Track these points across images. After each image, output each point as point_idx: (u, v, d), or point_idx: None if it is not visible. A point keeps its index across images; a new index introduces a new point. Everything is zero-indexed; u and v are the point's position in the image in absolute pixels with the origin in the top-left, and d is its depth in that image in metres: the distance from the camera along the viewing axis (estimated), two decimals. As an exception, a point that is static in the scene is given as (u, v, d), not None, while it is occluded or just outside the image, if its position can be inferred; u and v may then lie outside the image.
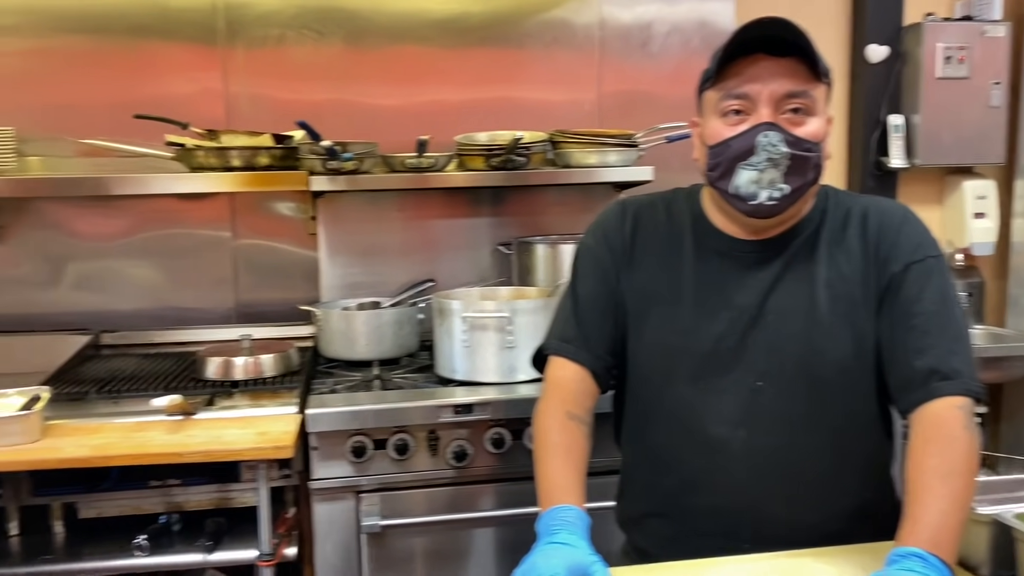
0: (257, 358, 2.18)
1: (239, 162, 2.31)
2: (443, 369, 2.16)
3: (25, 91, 2.50)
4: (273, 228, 2.68)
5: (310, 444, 1.95)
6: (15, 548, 2.00)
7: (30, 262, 2.60)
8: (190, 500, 2.03)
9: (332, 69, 2.62)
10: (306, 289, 2.68)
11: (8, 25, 2.49)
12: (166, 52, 2.56)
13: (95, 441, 1.82)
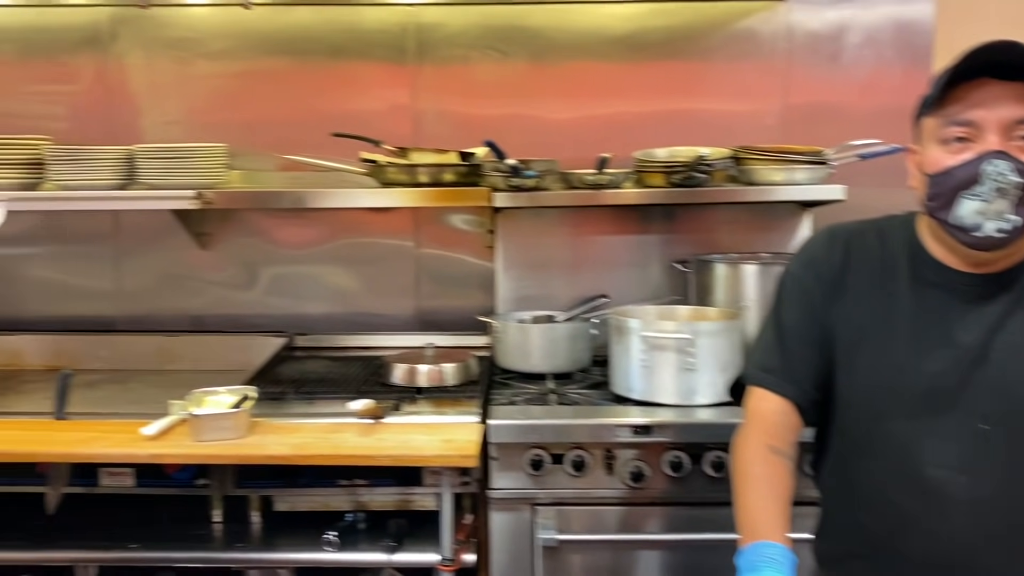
0: (440, 366, 2.26)
1: (426, 178, 2.41)
2: (619, 387, 2.15)
3: (235, 109, 2.71)
4: (452, 239, 2.77)
5: (490, 454, 1.99)
6: (217, 534, 2.16)
7: (232, 267, 2.81)
8: (374, 500, 2.12)
9: (514, 85, 2.69)
10: (481, 299, 2.75)
11: (221, 49, 2.71)
12: (360, 71, 2.71)
13: (295, 440, 1.94)
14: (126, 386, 2.54)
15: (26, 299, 2.82)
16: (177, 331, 2.77)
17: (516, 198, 2.34)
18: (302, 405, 2.17)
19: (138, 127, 2.73)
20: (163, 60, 2.73)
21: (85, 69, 2.74)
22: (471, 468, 1.99)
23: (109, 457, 1.93)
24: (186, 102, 2.74)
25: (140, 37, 2.72)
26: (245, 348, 2.71)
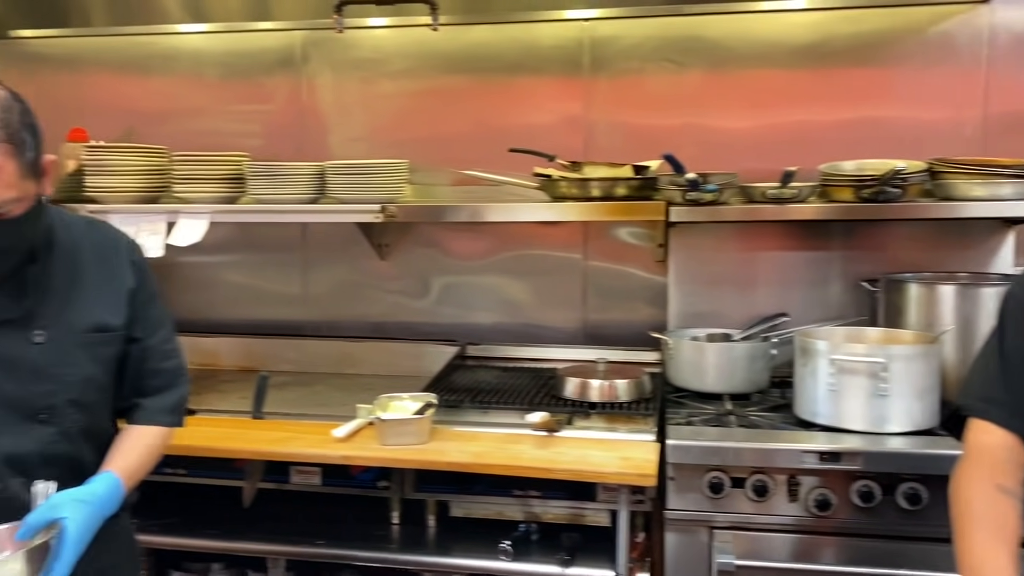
0: (612, 382, 2.25)
1: (599, 192, 2.41)
2: (803, 411, 2.07)
3: (414, 126, 2.82)
4: (621, 253, 2.76)
5: (667, 474, 1.96)
6: (395, 536, 2.24)
7: (407, 277, 2.92)
8: (547, 512, 2.14)
9: (689, 96, 2.65)
10: (649, 314, 2.72)
11: (403, 69, 2.83)
12: (535, 86, 2.75)
13: (474, 448, 1.99)
14: (312, 388, 2.69)
15: (222, 303, 3.04)
16: (358, 337, 2.90)
17: (694, 212, 2.30)
18: (477, 414, 2.22)
19: (326, 144, 2.89)
20: (349, 80, 2.87)
21: (279, 90, 2.93)
22: (646, 487, 1.98)
23: (303, 457, 2.04)
24: (370, 120, 2.87)
25: (329, 58, 2.88)
26: (419, 355, 2.81)
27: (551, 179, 2.45)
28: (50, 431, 1.44)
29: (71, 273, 1.49)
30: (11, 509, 1.37)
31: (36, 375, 1.42)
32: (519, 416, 2.15)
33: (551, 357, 2.71)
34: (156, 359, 1.59)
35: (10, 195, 1.31)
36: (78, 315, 1.47)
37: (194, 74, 2.98)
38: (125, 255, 1.57)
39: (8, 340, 1.41)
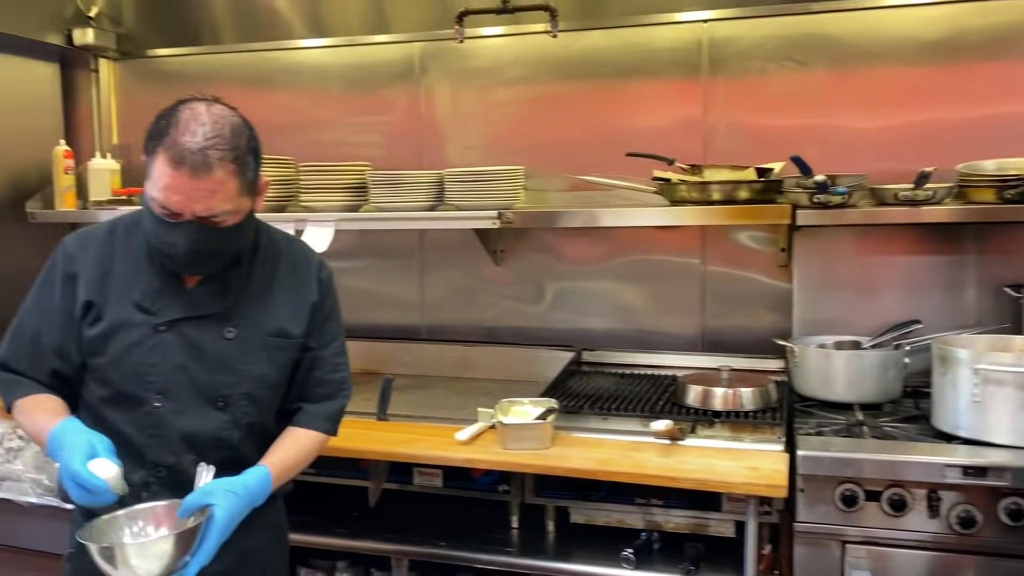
0: (736, 390, 2.20)
1: (719, 196, 2.37)
2: (943, 423, 1.98)
3: (529, 133, 2.84)
4: (741, 258, 2.70)
5: (797, 485, 1.91)
6: (514, 540, 2.26)
7: (522, 282, 2.94)
8: (669, 521, 2.11)
9: (812, 96, 2.58)
10: (770, 320, 2.66)
11: (518, 76, 2.85)
12: (650, 89, 2.73)
13: (597, 455, 1.98)
14: (430, 391, 2.74)
15: (343, 308, 3.09)
16: (473, 341, 2.94)
17: (822, 216, 2.23)
18: (597, 420, 2.21)
19: (443, 152, 2.95)
20: (467, 89, 2.92)
21: (399, 100, 3.00)
22: (774, 498, 1.93)
23: (428, 459, 2.08)
24: (486, 128, 2.91)
25: (447, 69, 2.93)
26: (534, 360, 2.83)
27: (670, 183, 2.42)
28: (224, 418, 1.58)
29: (268, 280, 1.64)
30: (180, 481, 1.53)
31: (222, 366, 1.57)
32: (640, 423, 2.14)
33: (669, 364, 2.68)
34: (325, 369, 1.71)
35: (227, 208, 1.46)
36: (266, 319, 1.62)
37: (317, 87, 3.08)
38: (314, 272, 1.72)
39: (206, 332, 1.57)
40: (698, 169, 2.47)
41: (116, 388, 1.55)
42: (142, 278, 1.56)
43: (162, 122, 1.46)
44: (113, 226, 1.63)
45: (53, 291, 1.58)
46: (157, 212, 1.46)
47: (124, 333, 1.54)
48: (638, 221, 2.54)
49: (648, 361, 2.72)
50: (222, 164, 1.42)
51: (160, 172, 1.42)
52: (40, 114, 3.20)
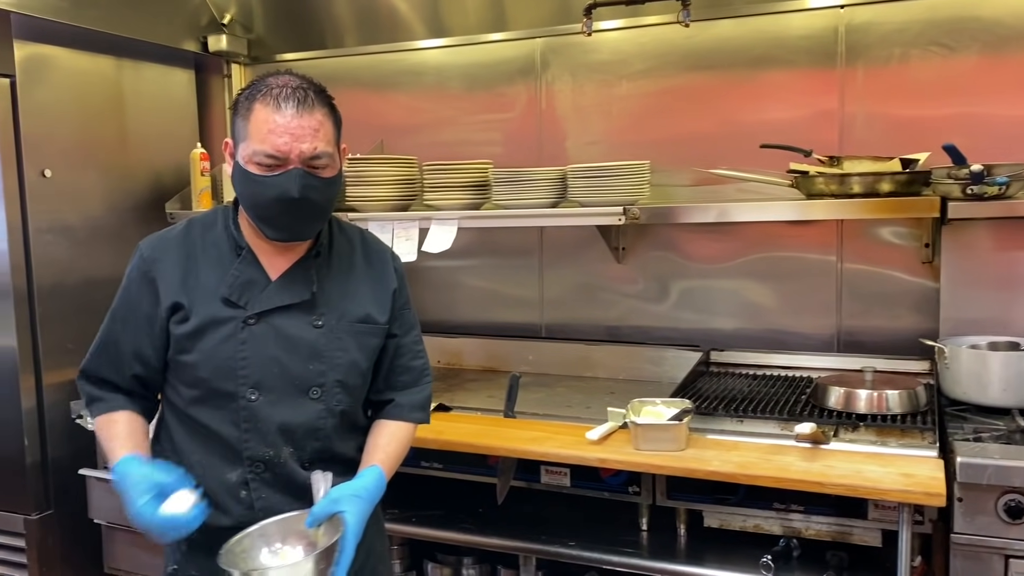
0: (882, 392, 2.09)
1: (860, 188, 2.25)
2: (1120, 430, 1.82)
3: (653, 127, 2.78)
4: (881, 254, 2.57)
5: (955, 494, 1.79)
6: (644, 542, 2.21)
7: (644, 280, 2.88)
8: (809, 528, 2.03)
9: (961, 83, 2.43)
10: (913, 320, 2.52)
11: (642, 69, 2.80)
12: (782, 80, 2.63)
13: (736, 458, 1.91)
14: (553, 390, 2.72)
15: (464, 306, 3.15)
16: (594, 340, 2.91)
17: (977, 208, 2.09)
18: (732, 422, 2.14)
19: (564, 148, 2.92)
20: (588, 84, 2.88)
21: (519, 97, 2.99)
22: (925, 508, 1.82)
23: (559, 457, 2.06)
24: (607, 122, 2.87)
25: (568, 63, 2.90)
26: (659, 360, 2.77)
27: (807, 175, 2.32)
28: (318, 407, 1.58)
29: (346, 269, 1.65)
30: (279, 476, 1.56)
31: (313, 355, 1.57)
32: (779, 426, 2.06)
33: (803, 365, 2.57)
34: (407, 356, 1.73)
35: (328, 150, 1.49)
36: (350, 306, 1.62)
37: (438, 87, 3.11)
38: (390, 261, 1.73)
39: (295, 322, 1.57)
40: (837, 161, 2.36)
41: (208, 386, 1.55)
42: (226, 273, 1.57)
43: (248, 89, 1.51)
44: (188, 226, 1.64)
45: (132, 296, 1.60)
46: (258, 170, 1.47)
47: (214, 329, 1.54)
48: (773, 215, 2.45)
49: (781, 362, 2.62)
50: (320, 104, 1.48)
51: (262, 120, 1.45)
52: (178, 119, 3.35)
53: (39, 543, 2.82)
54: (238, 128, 1.51)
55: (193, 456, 1.57)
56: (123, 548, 2.88)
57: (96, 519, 2.86)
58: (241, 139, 1.50)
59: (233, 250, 1.58)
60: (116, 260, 3.02)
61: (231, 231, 1.60)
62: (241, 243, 1.59)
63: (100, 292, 2.96)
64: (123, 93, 3.11)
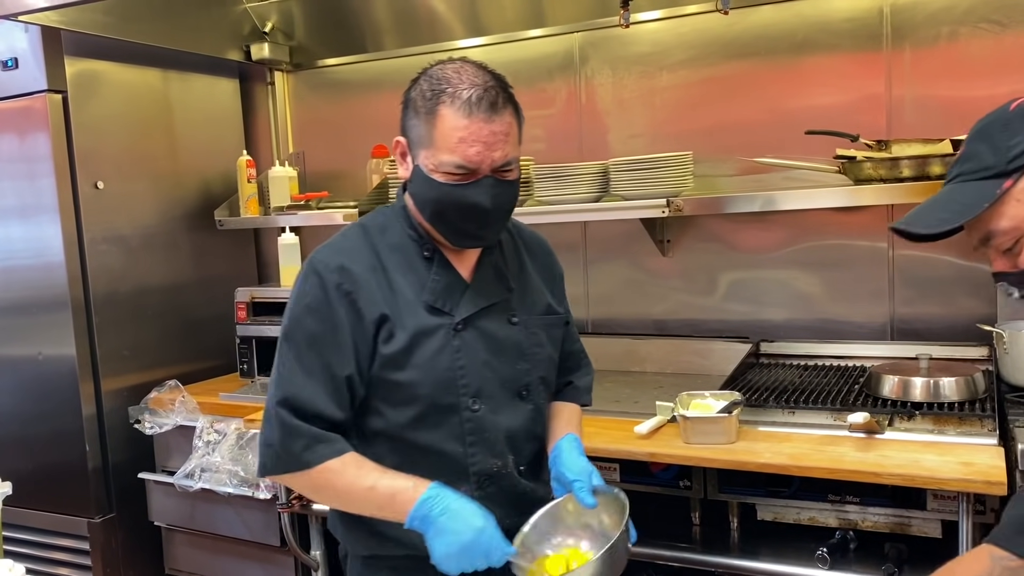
0: (937, 380, 2.04)
1: (910, 172, 2.20)
2: None
3: (695, 117, 2.75)
4: (933, 239, 2.50)
5: (1017, 482, 1.74)
6: (696, 536, 2.19)
7: (691, 273, 2.85)
8: (866, 520, 1.98)
9: (1015, 60, 2.35)
10: (969, 306, 2.45)
11: (682, 59, 2.77)
12: (827, 64, 2.58)
13: (788, 449, 1.88)
14: (601, 384, 2.62)
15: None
16: (641, 334, 2.89)
17: (1032, 188, 2.02)
18: (783, 413, 2.10)
19: (605, 142, 2.91)
20: (628, 76, 2.86)
21: (559, 93, 2.99)
22: (987, 497, 1.77)
23: (609, 452, 2.04)
24: (649, 114, 2.84)
25: (607, 57, 2.89)
26: (707, 353, 2.74)
27: (855, 161, 2.28)
28: (529, 407, 1.52)
29: (517, 262, 1.59)
30: (504, 489, 1.48)
31: (518, 355, 1.51)
32: (831, 417, 2.02)
33: (856, 354, 2.52)
34: (571, 341, 1.72)
35: (516, 154, 1.41)
36: (534, 299, 1.57)
37: (478, 85, 3.11)
38: (546, 246, 1.69)
39: (495, 323, 1.49)
40: (885, 145, 2.31)
41: (428, 402, 1.42)
42: (422, 278, 1.45)
43: (423, 86, 1.39)
44: (362, 232, 1.50)
45: (330, 315, 1.41)
46: (445, 179, 1.36)
47: (426, 340, 1.42)
48: (821, 203, 2.40)
49: (833, 352, 2.57)
50: (508, 105, 1.38)
51: (450, 127, 1.34)
52: (224, 127, 3.42)
53: (103, 546, 2.91)
54: (417, 130, 1.39)
55: None
56: (183, 549, 2.96)
57: (157, 521, 2.94)
58: (423, 144, 1.38)
59: (419, 254, 1.47)
60: (168, 268, 3.11)
61: (411, 234, 1.48)
62: (429, 246, 1.47)
63: (153, 299, 3.06)
64: (171, 104, 3.18)
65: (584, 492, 1.43)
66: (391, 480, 1.38)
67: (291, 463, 1.39)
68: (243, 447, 2.65)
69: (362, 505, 1.42)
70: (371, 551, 1.52)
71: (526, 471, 1.52)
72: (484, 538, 1.31)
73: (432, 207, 1.42)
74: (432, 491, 1.35)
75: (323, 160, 3.39)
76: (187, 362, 3.14)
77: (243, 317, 2.95)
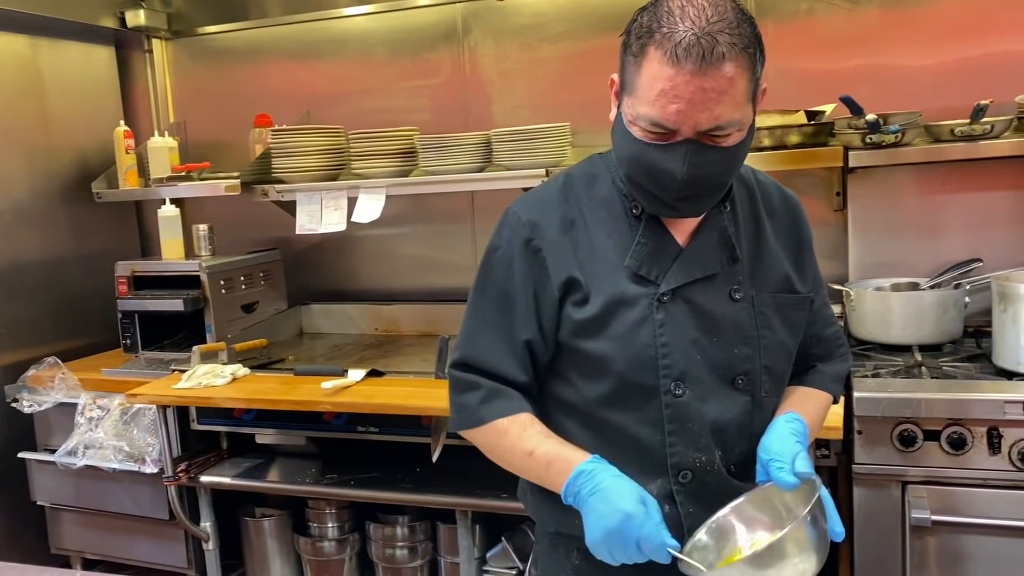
0: (791, 336, 2.19)
1: (770, 142, 2.34)
2: (1004, 360, 1.95)
3: (576, 89, 2.82)
4: (795, 204, 2.66)
5: (854, 428, 1.90)
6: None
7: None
8: (727, 468, 2.12)
9: (864, 35, 2.52)
10: (828, 267, 2.60)
11: (563, 32, 2.84)
12: (696, 39, 2.68)
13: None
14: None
15: (399, 273, 3.19)
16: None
17: (875, 156, 2.19)
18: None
19: (490, 113, 2.96)
20: (510, 47, 2.92)
21: (443, 63, 3.02)
22: (831, 441, 1.93)
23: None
24: (531, 85, 2.91)
25: (490, 28, 2.93)
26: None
27: (719, 132, 2.40)
28: (745, 399, 1.28)
29: (752, 224, 1.32)
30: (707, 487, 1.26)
31: (737, 336, 1.27)
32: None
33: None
34: (823, 323, 1.42)
35: (734, 117, 1.15)
36: (768, 271, 1.31)
37: (363, 55, 3.12)
38: (796, 207, 1.40)
39: (712, 297, 1.26)
40: (747, 116, 2.44)
41: (623, 380, 1.24)
42: (627, 240, 1.26)
43: (644, 17, 1.16)
44: (566, 182, 1.32)
45: (515, 272, 1.28)
46: (642, 134, 1.16)
47: (624, 310, 1.23)
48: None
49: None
50: (732, 55, 1.11)
51: (652, 75, 1.12)
52: (100, 97, 3.31)
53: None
54: (626, 71, 1.19)
55: None
56: (69, 528, 2.92)
57: (39, 501, 2.89)
58: (627, 88, 1.19)
59: (628, 211, 1.27)
60: (44, 243, 3.02)
61: (621, 187, 1.28)
62: (638, 202, 1.26)
63: (29, 275, 2.96)
64: (41, 73, 3.07)
65: (783, 472, 1.18)
66: (550, 447, 1.24)
67: (466, 419, 1.30)
68: (127, 422, 2.62)
69: (524, 471, 1.29)
70: (557, 527, 1.34)
71: (737, 470, 1.29)
72: (633, 525, 1.13)
73: (625, 163, 1.23)
74: (587, 465, 1.19)
75: (205, 130, 3.33)
76: (68, 339, 3.07)
77: (124, 291, 2.89)
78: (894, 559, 1.92)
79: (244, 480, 2.53)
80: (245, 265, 3.01)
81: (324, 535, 2.61)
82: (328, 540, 2.61)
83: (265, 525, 2.68)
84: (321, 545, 2.60)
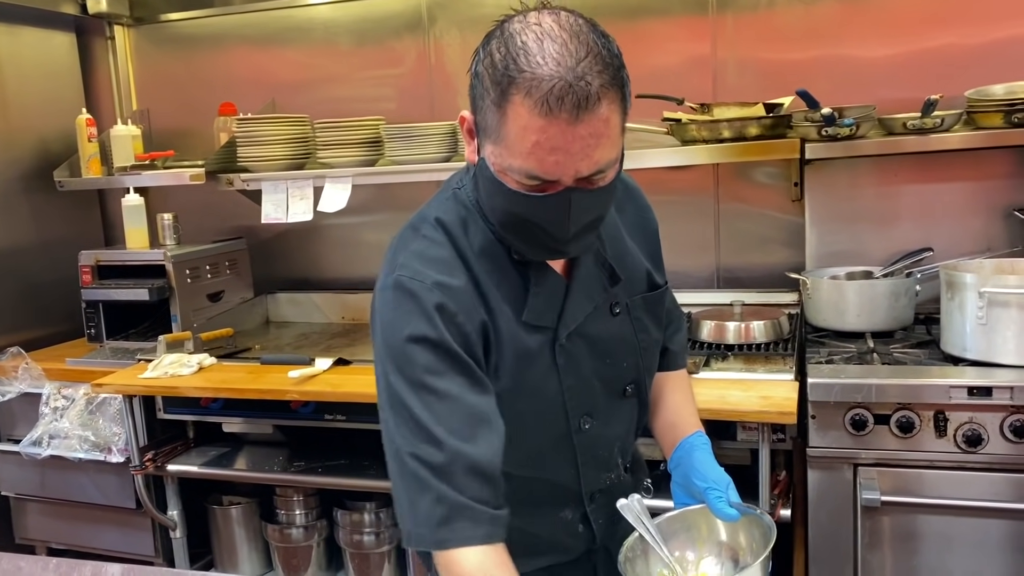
0: (748, 324, 2.26)
1: (729, 133, 2.39)
2: (951, 346, 2.02)
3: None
4: (755, 194, 2.72)
5: (809, 412, 1.97)
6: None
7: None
8: (686, 452, 2.18)
9: (822, 28, 2.57)
10: (785, 255, 2.69)
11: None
12: (657, 28, 2.73)
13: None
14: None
15: (364, 262, 3.20)
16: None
17: (830, 148, 2.25)
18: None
19: (455, 103, 2.97)
20: (475, 38, 2.84)
21: (408, 52, 3.03)
22: (787, 425, 1.99)
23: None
24: (496, 75, 2.92)
25: (455, 18, 2.95)
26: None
27: (680, 123, 2.44)
28: (632, 403, 1.31)
29: (613, 225, 1.27)
30: (619, 491, 1.27)
31: (621, 350, 1.26)
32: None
33: (685, 302, 2.63)
34: (669, 300, 1.42)
35: (612, 156, 1.05)
36: (631, 275, 1.28)
37: (328, 43, 3.11)
38: (640, 198, 1.37)
39: (597, 322, 1.23)
40: (707, 108, 2.49)
41: (536, 436, 1.21)
42: (516, 289, 1.17)
43: (496, 55, 1.03)
44: (446, 235, 1.17)
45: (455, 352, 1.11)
46: (517, 186, 1.06)
47: (528, 366, 1.17)
48: (650, 163, 2.54)
49: (666, 300, 2.76)
50: (605, 93, 1.00)
51: (522, 127, 1.00)
52: (61, 84, 3.27)
53: (-56, 520, 2.83)
54: (485, 115, 1.05)
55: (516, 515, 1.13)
56: (35, 518, 2.91)
57: (4, 491, 2.87)
58: (490, 136, 1.06)
59: (509, 256, 1.17)
60: (5, 232, 2.99)
61: (494, 234, 1.17)
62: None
63: (-11, 265, 2.93)
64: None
65: (722, 503, 1.19)
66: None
67: (423, 538, 1.10)
68: (93, 412, 2.62)
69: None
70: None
71: (631, 467, 1.36)
72: None
73: (500, 216, 1.12)
74: None
75: (169, 118, 3.31)
76: (30, 328, 3.04)
77: (88, 281, 2.88)
78: (846, 538, 1.99)
79: (211, 468, 2.54)
80: (211, 254, 3.01)
81: (292, 522, 2.64)
82: (296, 527, 2.63)
83: (233, 513, 2.70)
84: (289, 532, 2.63)
